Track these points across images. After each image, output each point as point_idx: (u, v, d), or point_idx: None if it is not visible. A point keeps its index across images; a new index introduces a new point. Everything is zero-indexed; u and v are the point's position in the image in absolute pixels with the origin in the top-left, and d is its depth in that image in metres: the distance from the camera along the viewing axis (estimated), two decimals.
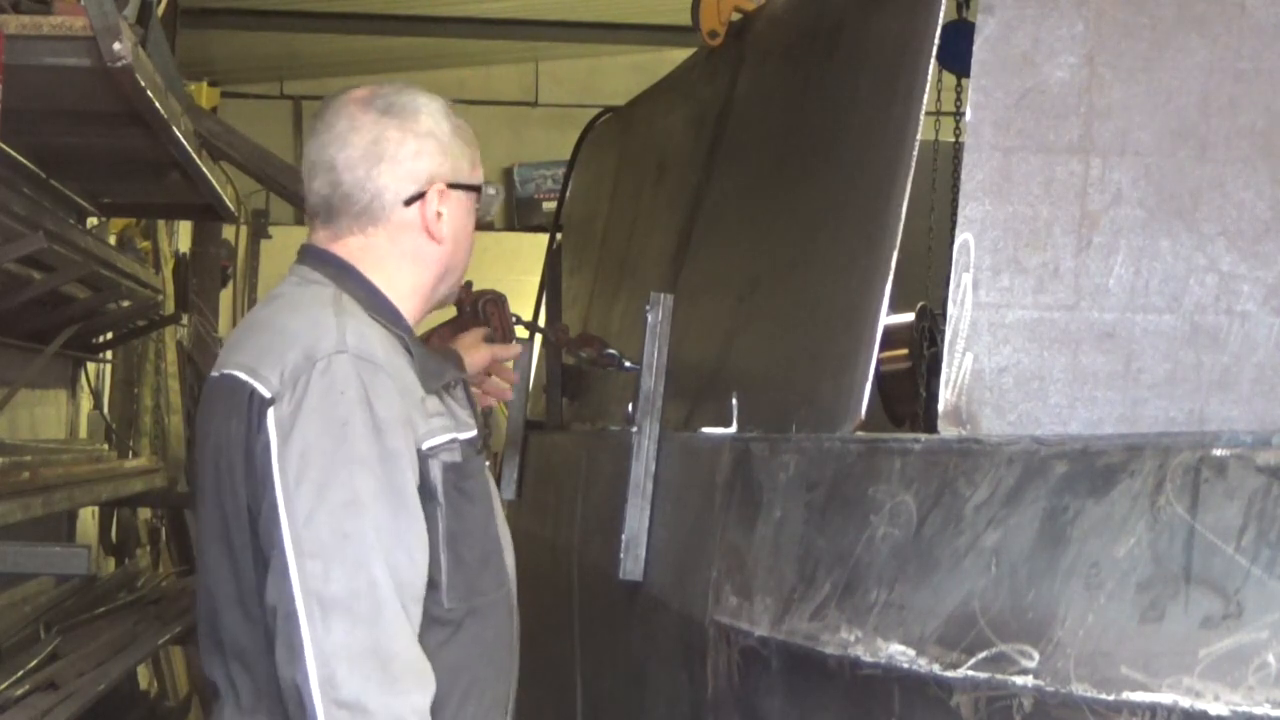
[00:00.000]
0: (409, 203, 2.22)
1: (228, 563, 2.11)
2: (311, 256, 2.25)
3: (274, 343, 2.10)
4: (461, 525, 2.12)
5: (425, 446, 2.08)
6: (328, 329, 2.08)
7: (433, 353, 2.26)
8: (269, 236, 11.09)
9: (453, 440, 2.14)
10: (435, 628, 2.09)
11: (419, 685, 1.98)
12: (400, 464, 2.02)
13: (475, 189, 2.29)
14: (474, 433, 2.25)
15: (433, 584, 2.09)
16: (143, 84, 3.39)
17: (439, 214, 2.23)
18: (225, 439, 2.09)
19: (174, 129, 3.93)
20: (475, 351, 2.81)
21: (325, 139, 2.22)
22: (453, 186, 2.24)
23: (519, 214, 11.24)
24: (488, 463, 2.30)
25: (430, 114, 2.24)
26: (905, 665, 1.87)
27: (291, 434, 2.01)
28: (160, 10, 4.03)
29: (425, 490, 2.08)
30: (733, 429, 2.78)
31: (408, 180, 2.21)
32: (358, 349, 2.05)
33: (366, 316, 2.15)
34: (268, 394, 2.05)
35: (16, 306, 4.29)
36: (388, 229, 2.22)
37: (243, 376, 2.09)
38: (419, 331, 2.36)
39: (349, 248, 2.23)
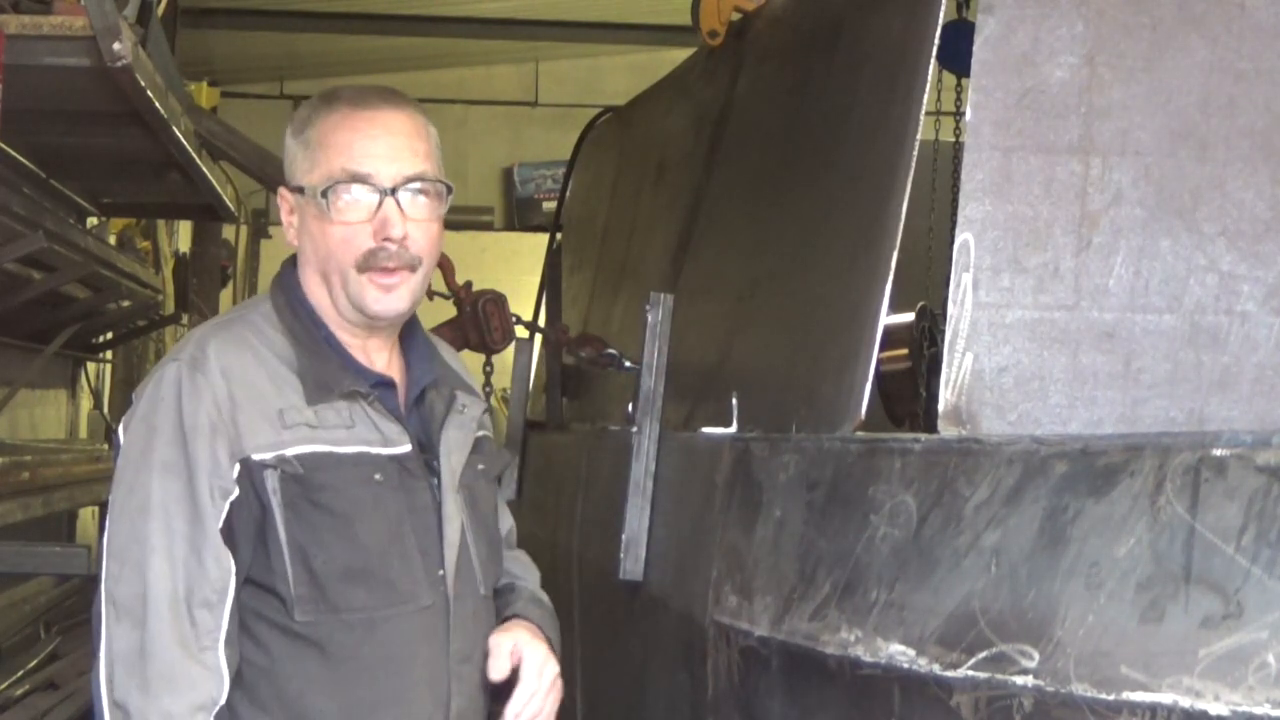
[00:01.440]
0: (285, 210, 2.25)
1: None
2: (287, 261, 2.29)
3: None
4: (314, 538, 2.05)
5: (259, 456, 2.04)
6: (186, 340, 2.14)
7: (335, 365, 2.15)
8: (269, 236, 11.10)
9: (298, 455, 2.05)
10: (290, 641, 2.05)
11: (171, 691, 1.97)
12: (199, 471, 2.02)
13: (299, 190, 2.18)
14: (392, 449, 2.13)
15: (279, 595, 2.05)
16: (143, 84, 3.39)
17: (290, 218, 2.22)
18: None
19: (174, 129, 3.93)
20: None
21: None
22: (291, 188, 2.19)
23: (519, 214, 11.24)
24: (399, 479, 2.13)
25: (296, 119, 2.22)
26: (905, 665, 1.87)
27: (124, 439, 2.09)
28: (160, 10, 4.03)
29: (258, 499, 2.04)
30: (733, 429, 2.78)
31: (286, 187, 2.22)
32: (189, 357, 2.07)
33: (267, 322, 2.15)
34: (134, 400, 2.13)
35: (16, 306, 4.30)
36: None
37: None
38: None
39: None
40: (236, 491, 2.03)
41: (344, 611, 2.07)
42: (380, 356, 2.21)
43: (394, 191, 2.12)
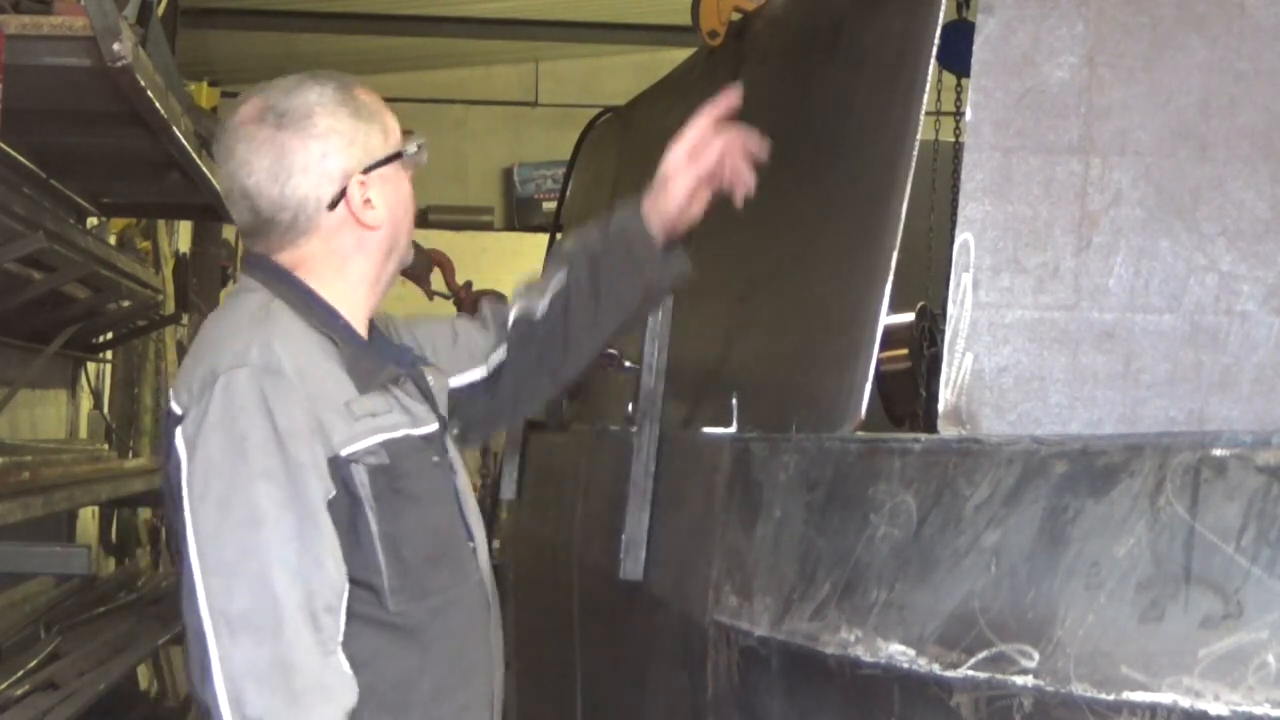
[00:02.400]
0: (333, 205, 2.16)
1: (182, 582, 2.12)
2: (248, 263, 2.23)
3: (191, 359, 2.10)
4: (400, 526, 2.07)
5: (345, 452, 2.04)
6: (235, 342, 2.06)
7: (371, 351, 2.18)
8: None
9: (382, 443, 2.08)
10: (385, 631, 2.06)
11: (324, 699, 1.95)
12: (304, 474, 1.99)
13: (396, 156, 2.21)
14: (427, 428, 2.18)
15: (372, 588, 2.05)
16: (143, 84, 3.39)
17: (367, 201, 2.17)
18: (162, 462, 2.11)
19: (174, 129, 3.94)
20: (672, 181, 2.47)
21: (230, 167, 2.16)
22: (370, 169, 2.17)
23: (519, 214, 11.24)
24: (438, 459, 2.20)
25: (324, 108, 2.15)
26: (905, 665, 1.87)
27: (196, 451, 2.00)
28: (160, 10, 4.03)
29: (350, 496, 2.04)
30: (733, 429, 2.78)
31: (326, 184, 2.15)
32: (260, 361, 2.02)
33: (296, 321, 2.12)
34: (179, 411, 2.06)
35: (16, 306, 4.30)
36: (320, 236, 2.17)
37: (171, 394, 2.11)
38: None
39: (285, 261, 2.19)
40: (334, 490, 2.02)
41: (429, 596, 2.10)
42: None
43: None
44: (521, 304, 2.50)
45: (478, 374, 2.48)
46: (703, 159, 2.46)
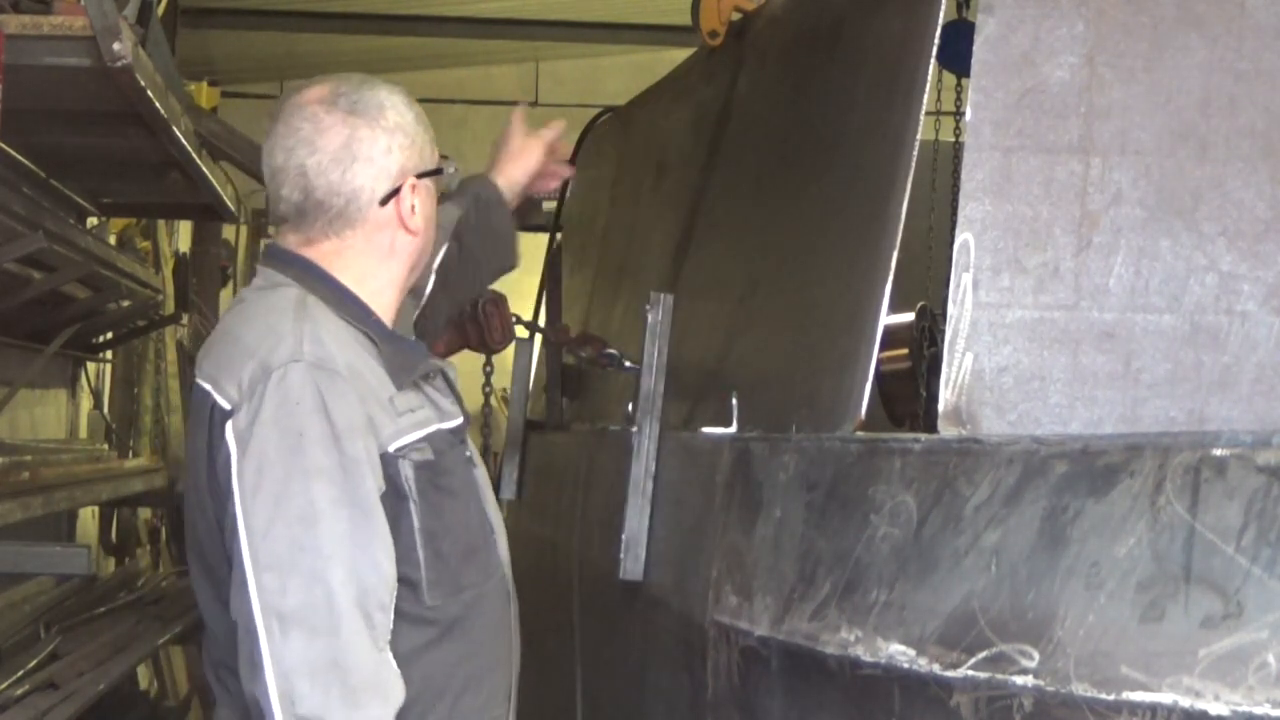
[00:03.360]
0: (384, 201, 2.17)
1: (204, 576, 2.12)
2: (275, 258, 2.21)
3: (234, 353, 2.07)
4: (440, 522, 2.08)
5: (393, 448, 2.04)
6: (284, 337, 2.05)
7: (404, 345, 2.19)
8: (269, 236, 11.09)
9: (424, 438, 2.10)
10: (421, 627, 2.07)
11: (380, 697, 1.94)
12: (360, 470, 1.98)
13: (438, 172, 2.26)
14: (455, 421, 2.21)
15: (411, 583, 2.05)
16: (143, 84, 3.39)
17: (413, 207, 2.19)
18: (194, 452, 2.08)
19: (174, 129, 3.93)
20: (524, 154, 2.93)
21: (290, 143, 2.14)
22: (423, 175, 2.20)
23: (518, 214, 11.23)
24: (469, 453, 2.25)
25: (394, 107, 2.19)
26: (905, 665, 1.87)
27: (249, 446, 1.98)
28: (160, 10, 4.03)
29: (396, 492, 2.04)
30: (733, 429, 2.78)
31: (383, 179, 2.16)
32: (314, 356, 2.02)
33: (333, 317, 2.12)
34: (227, 406, 2.03)
35: (16, 306, 4.30)
36: (364, 229, 2.18)
37: (207, 387, 2.08)
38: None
39: (322, 251, 2.18)
40: (383, 486, 2.02)
41: (464, 590, 2.12)
42: None
43: None
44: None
45: None
46: (545, 134, 2.91)
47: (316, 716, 1.90)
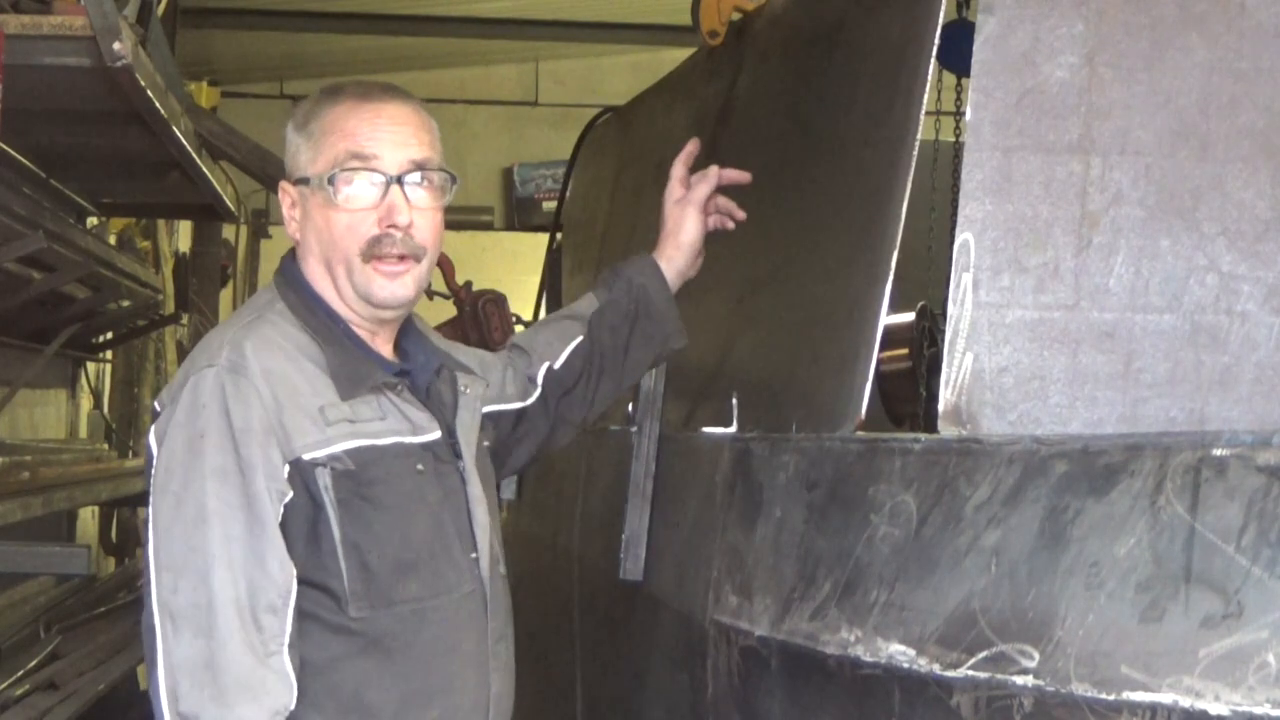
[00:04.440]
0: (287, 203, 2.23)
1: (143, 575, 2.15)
2: (282, 260, 2.26)
3: (187, 360, 2.15)
4: (368, 533, 2.05)
5: (307, 457, 2.03)
6: (211, 344, 2.09)
7: (355, 355, 2.16)
8: (269, 236, 11.09)
9: (350, 450, 2.06)
10: (342, 637, 2.04)
11: (251, 698, 1.94)
12: (254, 474, 1.99)
13: (304, 181, 2.18)
14: (424, 436, 2.15)
15: (331, 593, 2.04)
16: (143, 84, 3.39)
17: (291, 214, 2.21)
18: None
19: (174, 129, 3.94)
20: (681, 228, 2.68)
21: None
22: (296, 183, 2.18)
23: (519, 214, 11.24)
24: (432, 465, 2.16)
25: (303, 108, 2.21)
26: (905, 665, 1.87)
27: (162, 447, 2.04)
28: (160, 10, 4.03)
29: (312, 499, 2.03)
30: (733, 429, 2.78)
31: (290, 177, 2.21)
32: (228, 361, 2.04)
33: (289, 324, 2.13)
34: (158, 409, 2.10)
35: (16, 306, 4.30)
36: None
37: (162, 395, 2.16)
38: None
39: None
40: (290, 493, 2.01)
41: (396, 604, 2.07)
42: (387, 348, 2.22)
43: (400, 179, 2.12)
44: (539, 357, 2.57)
45: (513, 406, 2.54)
46: (695, 194, 2.65)
47: (193, 714, 1.93)
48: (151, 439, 2.07)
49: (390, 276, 2.13)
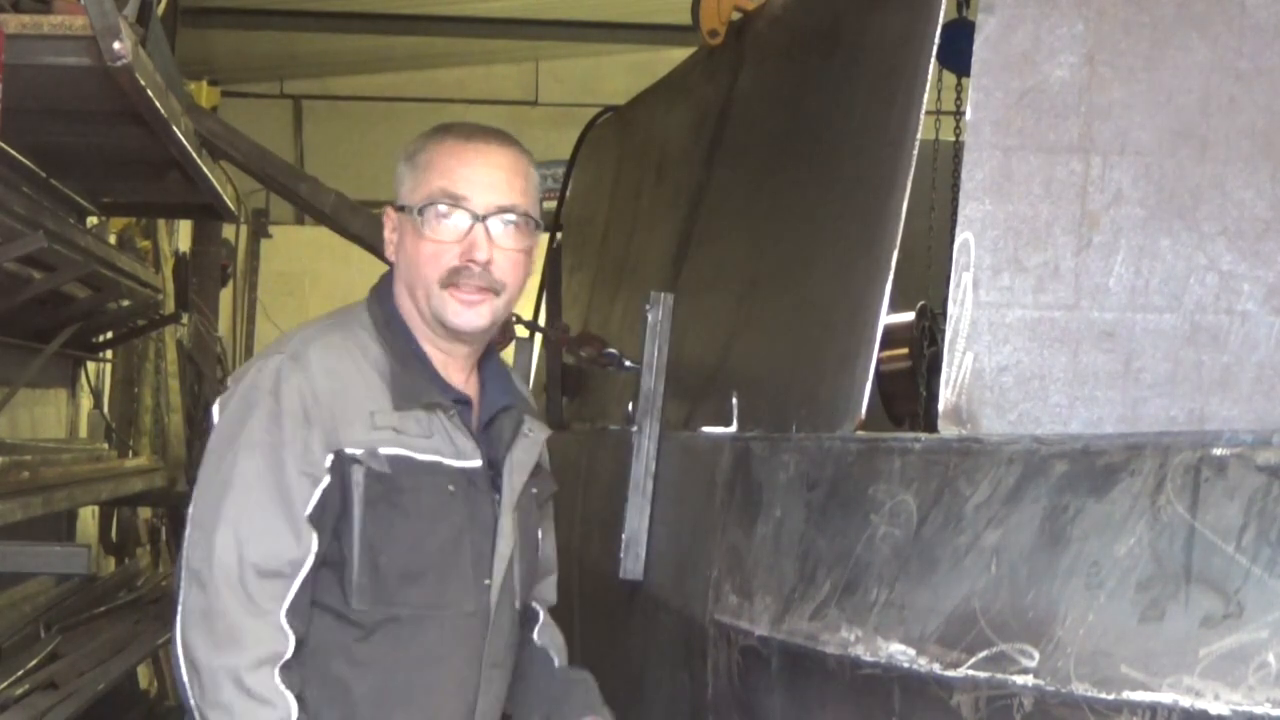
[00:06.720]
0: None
1: None
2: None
3: None
4: (386, 535, 2.17)
5: (349, 450, 2.16)
6: (288, 337, 2.27)
7: (419, 374, 2.27)
8: (269, 236, 11.09)
9: (388, 455, 2.18)
10: (345, 625, 2.17)
11: (235, 647, 2.07)
12: (283, 453, 2.14)
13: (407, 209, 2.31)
14: (465, 462, 2.24)
15: (340, 580, 2.17)
16: (143, 84, 3.39)
17: (390, 237, 2.33)
18: None
19: (174, 129, 3.93)
20: None
21: None
22: (397, 209, 2.30)
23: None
24: (464, 489, 2.23)
25: (408, 147, 2.34)
26: (905, 665, 1.87)
27: (219, 419, 2.22)
28: (160, 10, 4.03)
29: (344, 489, 2.16)
30: (733, 429, 2.78)
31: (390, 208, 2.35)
32: (294, 352, 2.20)
33: (366, 333, 2.26)
34: (230, 384, 2.26)
35: (16, 306, 4.29)
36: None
37: None
38: None
39: None
40: (328, 480, 2.16)
41: (397, 606, 2.19)
42: (460, 376, 2.32)
43: (485, 218, 2.26)
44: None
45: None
46: None
47: (192, 658, 2.10)
48: (215, 409, 2.23)
49: (466, 305, 2.25)
